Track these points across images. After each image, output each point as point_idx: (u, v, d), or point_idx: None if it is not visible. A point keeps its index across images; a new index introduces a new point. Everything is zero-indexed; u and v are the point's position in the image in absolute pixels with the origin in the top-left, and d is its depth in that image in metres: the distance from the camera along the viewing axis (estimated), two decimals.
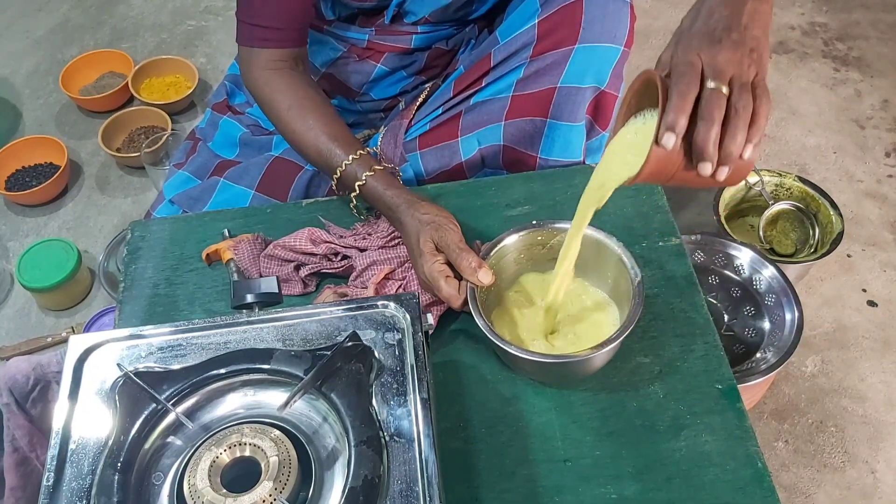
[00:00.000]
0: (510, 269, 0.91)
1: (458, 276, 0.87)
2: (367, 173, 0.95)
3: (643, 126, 0.71)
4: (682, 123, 0.64)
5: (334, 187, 0.99)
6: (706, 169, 0.65)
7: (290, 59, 1.03)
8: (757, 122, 0.64)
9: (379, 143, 1.13)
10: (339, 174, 0.97)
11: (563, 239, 0.87)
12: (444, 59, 1.20)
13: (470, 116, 1.08)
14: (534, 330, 0.88)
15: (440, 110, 1.11)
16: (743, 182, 1.55)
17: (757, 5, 0.69)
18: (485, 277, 0.84)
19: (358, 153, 0.97)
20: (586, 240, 0.86)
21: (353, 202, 0.98)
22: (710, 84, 0.64)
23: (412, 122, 1.14)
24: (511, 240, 0.89)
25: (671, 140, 0.64)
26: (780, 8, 2.17)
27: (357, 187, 0.95)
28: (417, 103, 1.16)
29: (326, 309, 0.78)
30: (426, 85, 1.20)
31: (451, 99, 1.10)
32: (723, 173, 0.65)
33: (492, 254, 0.87)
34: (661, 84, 0.65)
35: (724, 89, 0.64)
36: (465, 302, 0.84)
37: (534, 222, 0.89)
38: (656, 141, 0.65)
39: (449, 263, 0.88)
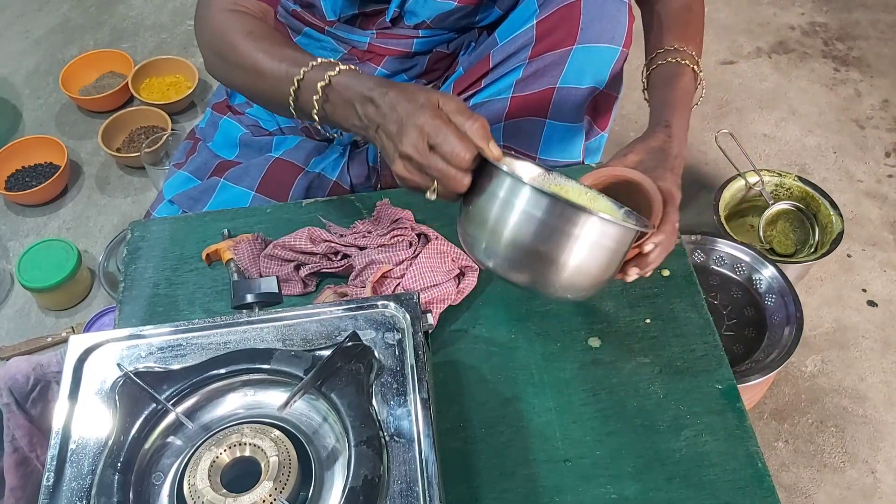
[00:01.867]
0: None
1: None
2: (341, 67, 0.80)
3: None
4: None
5: (293, 107, 0.84)
6: (633, 276, 0.80)
7: (257, 10, 0.93)
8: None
9: None
10: (302, 75, 0.81)
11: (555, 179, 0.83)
12: (444, 63, 1.20)
13: None
14: None
15: None
16: (743, 182, 1.55)
17: None
18: (495, 148, 0.74)
19: (320, 60, 0.82)
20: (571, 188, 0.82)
21: (315, 119, 0.82)
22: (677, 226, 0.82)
23: None
24: (518, 164, 0.81)
25: (651, 249, 0.79)
26: (780, 8, 2.17)
27: (328, 77, 0.79)
28: None
29: (326, 309, 0.78)
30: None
31: None
32: (628, 278, 0.81)
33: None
34: (656, 202, 0.80)
35: None
36: (468, 169, 0.73)
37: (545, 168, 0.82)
38: (639, 246, 0.78)
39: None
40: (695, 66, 0.96)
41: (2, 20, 2.29)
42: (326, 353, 0.72)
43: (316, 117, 0.82)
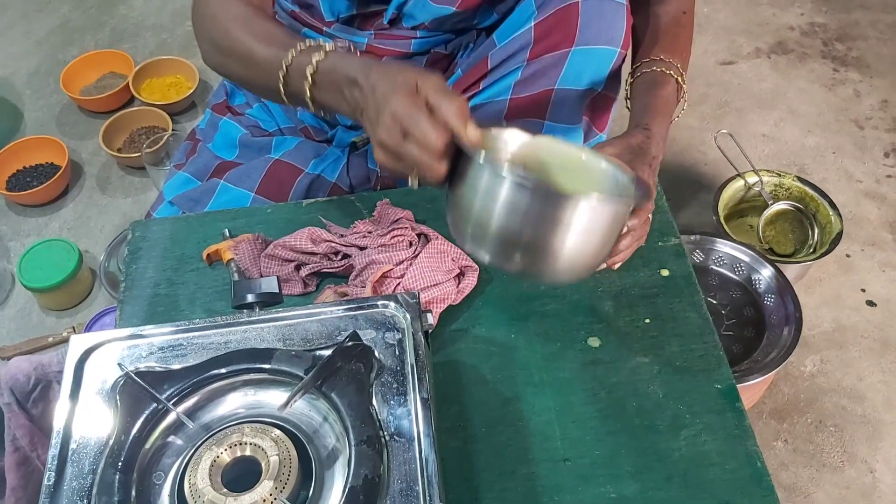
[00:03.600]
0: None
1: None
2: (328, 48, 0.80)
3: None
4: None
5: (283, 90, 0.83)
6: (601, 266, 0.81)
7: None
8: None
9: None
10: (290, 61, 0.81)
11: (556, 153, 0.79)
12: (442, 64, 1.20)
13: None
14: None
15: None
16: (742, 182, 1.55)
17: None
18: (473, 132, 0.70)
19: (310, 43, 0.82)
20: (575, 153, 0.80)
21: (309, 105, 0.82)
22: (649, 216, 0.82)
23: None
24: (504, 131, 0.78)
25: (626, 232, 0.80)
26: (779, 8, 2.17)
27: (315, 63, 0.79)
28: None
29: (326, 309, 0.78)
30: None
31: None
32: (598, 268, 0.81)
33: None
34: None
35: None
36: (445, 154, 0.69)
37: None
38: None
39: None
40: (679, 78, 0.97)
41: (3, 21, 2.29)
42: (326, 352, 0.72)
43: (309, 103, 0.81)
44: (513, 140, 0.78)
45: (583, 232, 0.68)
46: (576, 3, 0.98)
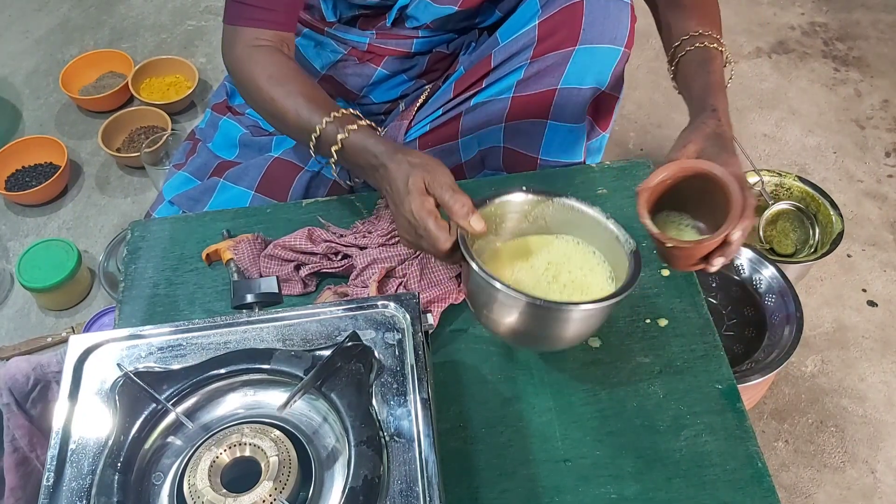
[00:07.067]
0: (502, 227, 0.86)
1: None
2: (350, 126, 0.89)
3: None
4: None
5: (312, 151, 0.93)
6: (718, 265, 0.79)
7: (275, 40, 0.98)
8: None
9: None
10: (318, 133, 0.91)
11: (551, 208, 0.85)
12: (444, 63, 1.20)
13: (470, 117, 1.08)
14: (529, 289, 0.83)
15: (440, 111, 1.11)
16: None
17: None
18: (477, 224, 0.79)
19: (340, 112, 0.91)
20: (580, 217, 0.84)
21: (334, 165, 0.92)
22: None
23: (412, 123, 1.14)
24: (506, 198, 0.84)
25: (738, 237, 0.76)
26: (780, 8, 2.17)
27: (339, 141, 0.89)
28: (417, 104, 1.16)
29: (326, 309, 0.78)
30: (426, 87, 1.20)
31: (451, 100, 1.10)
32: (713, 268, 0.80)
33: (484, 208, 0.82)
34: (730, 194, 0.77)
35: None
36: (453, 249, 0.79)
37: (523, 188, 0.85)
38: (727, 236, 0.76)
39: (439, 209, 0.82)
40: (721, 48, 0.94)
41: (2, 20, 2.29)
42: (326, 353, 0.72)
43: (335, 166, 0.91)
44: (519, 205, 0.84)
45: (567, 327, 0.79)
46: (580, 2, 0.98)
